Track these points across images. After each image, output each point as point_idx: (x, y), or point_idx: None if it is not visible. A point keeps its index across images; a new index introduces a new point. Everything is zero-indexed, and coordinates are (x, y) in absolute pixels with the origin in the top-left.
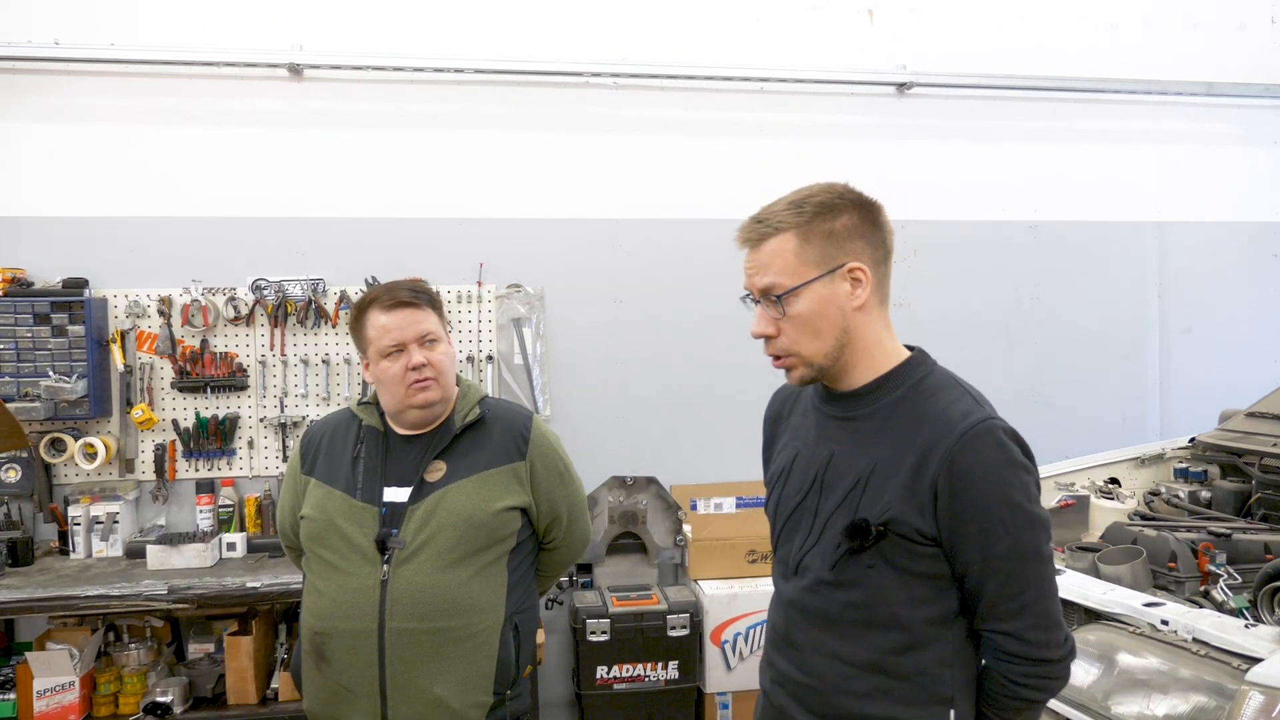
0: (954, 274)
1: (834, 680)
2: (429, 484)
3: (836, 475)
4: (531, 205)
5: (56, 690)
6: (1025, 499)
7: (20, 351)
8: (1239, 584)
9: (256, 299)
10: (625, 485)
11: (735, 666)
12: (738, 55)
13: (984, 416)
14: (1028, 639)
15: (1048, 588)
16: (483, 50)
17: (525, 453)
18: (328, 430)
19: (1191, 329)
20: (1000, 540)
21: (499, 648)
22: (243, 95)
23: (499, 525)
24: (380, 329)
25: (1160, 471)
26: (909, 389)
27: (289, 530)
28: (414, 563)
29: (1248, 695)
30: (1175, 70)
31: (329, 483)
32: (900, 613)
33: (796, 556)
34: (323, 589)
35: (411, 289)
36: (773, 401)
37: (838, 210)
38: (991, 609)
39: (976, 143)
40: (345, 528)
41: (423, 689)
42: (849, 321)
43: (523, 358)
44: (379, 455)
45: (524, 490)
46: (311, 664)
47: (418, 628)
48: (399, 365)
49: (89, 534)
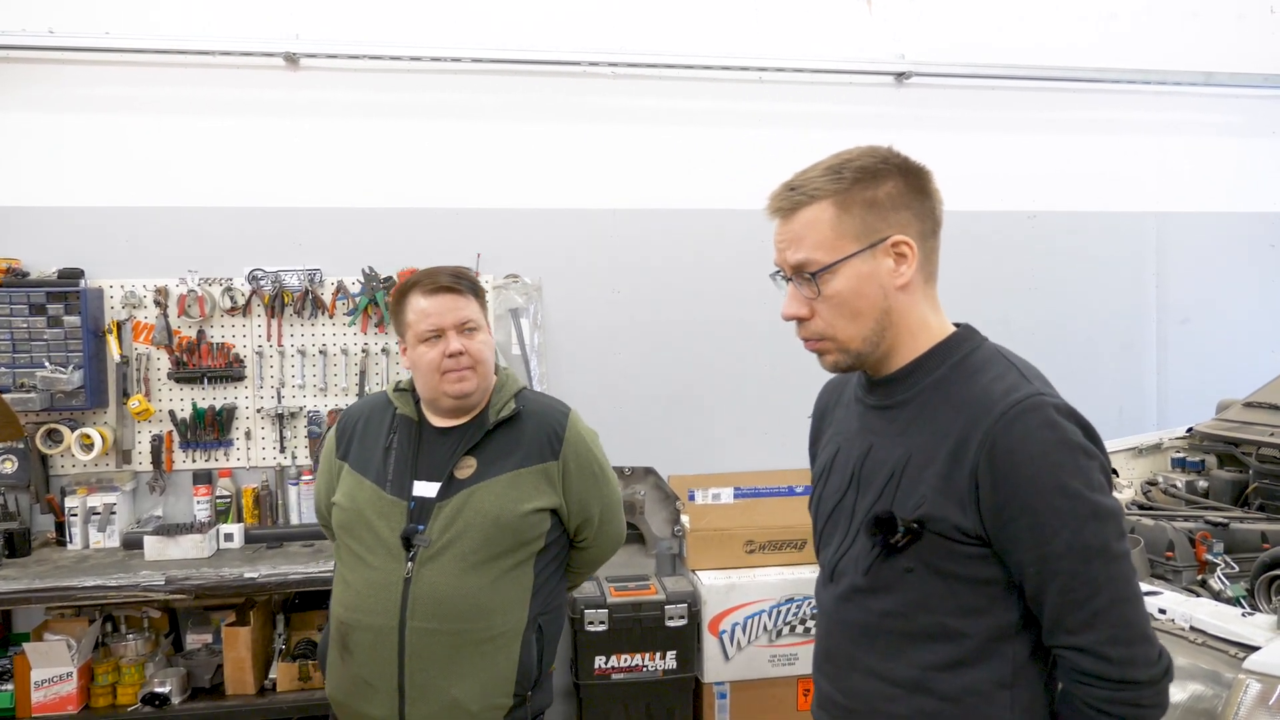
0: (952, 264)
1: (873, 702)
2: (458, 481)
3: (873, 470)
4: (529, 195)
5: (54, 681)
6: (1085, 485)
7: (16, 342)
8: (1236, 573)
9: (253, 289)
10: (623, 475)
11: (733, 657)
12: (736, 45)
13: (1031, 392)
14: (1107, 655)
15: (1125, 591)
16: (480, 39)
17: (559, 452)
18: (364, 414)
19: (1189, 319)
20: (1057, 535)
21: (520, 650)
22: (239, 84)
23: (527, 527)
24: (420, 313)
25: (1158, 461)
26: (950, 368)
27: (324, 512)
28: (438, 562)
29: (1245, 683)
30: (1174, 60)
31: (361, 471)
32: (947, 623)
33: (833, 560)
34: (350, 580)
35: (454, 274)
36: (821, 394)
37: (881, 176)
38: (1058, 620)
39: (975, 133)
40: (374, 521)
41: (441, 690)
42: (891, 302)
43: (520, 348)
44: (411, 447)
45: (554, 491)
46: (336, 653)
47: (438, 628)
48: (436, 351)
49: (86, 525)
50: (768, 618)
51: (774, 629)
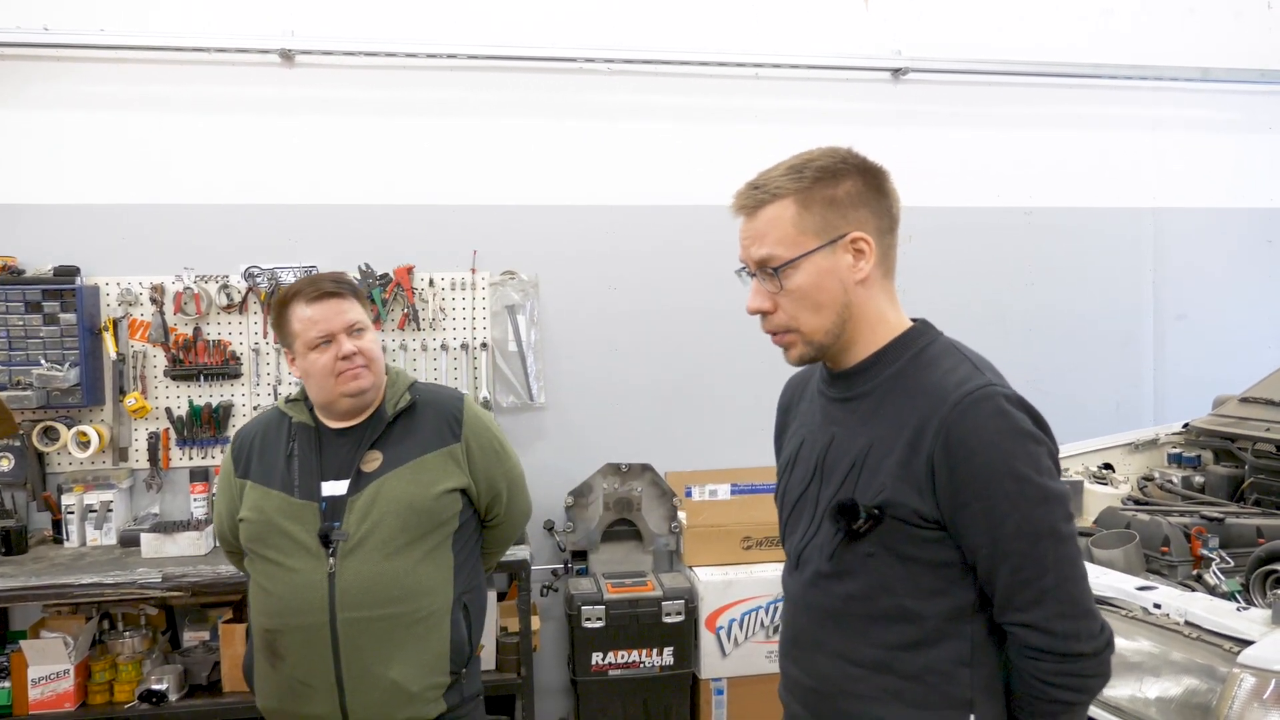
0: (949, 260)
1: (840, 682)
2: (366, 474)
3: (836, 459)
4: (525, 192)
5: (51, 678)
6: (1034, 470)
7: (12, 340)
8: (1231, 568)
9: (249, 286)
10: (620, 472)
11: (730, 652)
12: (733, 41)
13: (983, 383)
14: (1053, 630)
15: (1070, 571)
16: (475, 36)
17: (460, 434)
18: (258, 432)
19: (1186, 315)
20: (1008, 518)
21: (450, 629)
22: (234, 81)
23: (440, 509)
24: (306, 321)
25: (1154, 457)
26: (907, 361)
27: (228, 534)
28: (359, 553)
29: (1239, 678)
30: (1171, 56)
31: (265, 483)
32: (907, 604)
33: (798, 549)
34: (270, 587)
35: (335, 280)
36: (785, 389)
37: (840, 176)
38: (1009, 598)
39: (972, 128)
40: (286, 525)
41: (379, 675)
42: (851, 295)
43: (517, 345)
44: (313, 451)
45: (462, 471)
46: (265, 662)
47: (369, 616)
48: (328, 356)
49: (83, 522)
50: (765, 614)
51: (771, 625)
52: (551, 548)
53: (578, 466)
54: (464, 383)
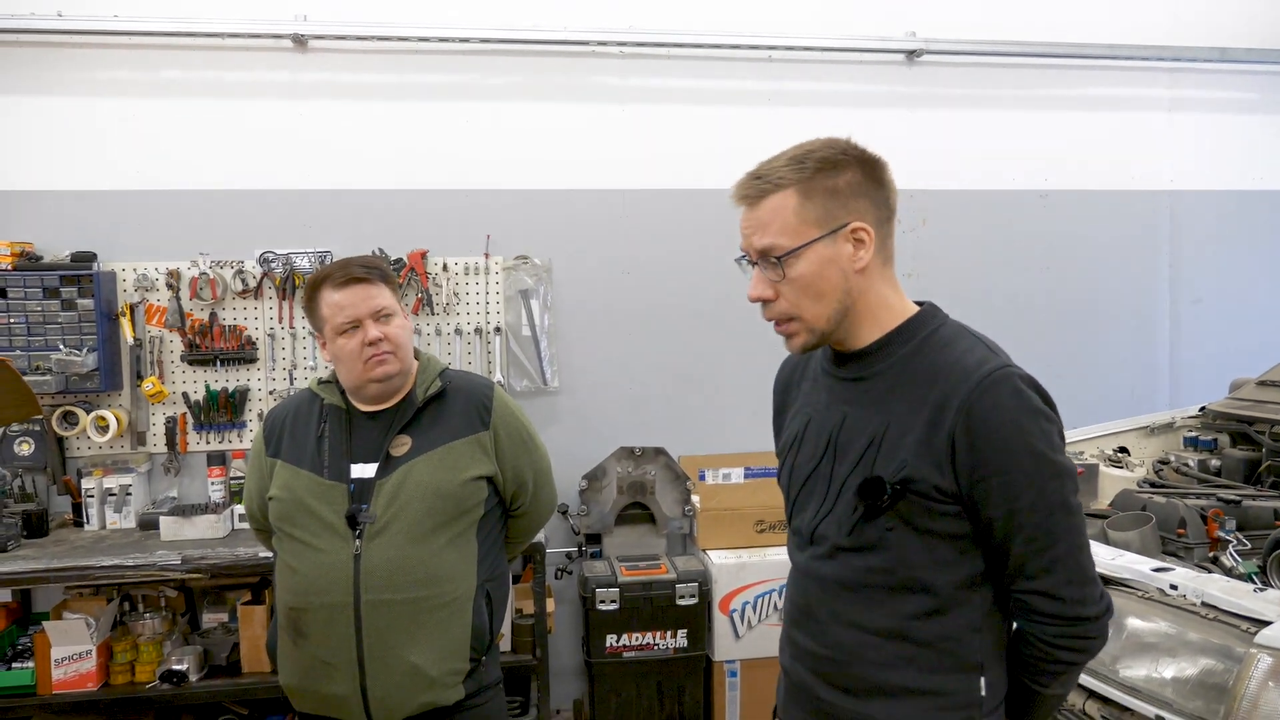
0: (964, 244)
1: (855, 650)
2: (395, 459)
3: (850, 437)
4: (538, 176)
5: (74, 659)
6: (1048, 448)
7: (30, 325)
8: (1248, 549)
9: (264, 271)
10: (634, 456)
11: (743, 635)
12: (746, 23)
13: (1000, 364)
14: (1060, 595)
15: (1078, 541)
16: (488, 20)
17: (489, 422)
18: (290, 411)
19: (1202, 298)
20: (1025, 492)
21: (473, 615)
22: (248, 66)
23: (466, 496)
24: (334, 306)
25: (1170, 440)
26: (920, 342)
27: (257, 512)
28: (385, 536)
29: (1256, 658)
30: (1188, 36)
31: (295, 463)
32: (924, 576)
33: (811, 525)
34: (296, 566)
35: (364, 264)
36: (782, 369)
37: (841, 166)
38: (1020, 567)
39: (987, 111)
40: (314, 505)
41: (400, 658)
42: (851, 284)
43: (530, 329)
44: (343, 433)
45: (489, 459)
46: (288, 639)
47: (393, 599)
48: (355, 341)
49: (102, 506)
50: (778, 596)
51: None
52: (566, 531)
53: (591, 450)
54: (478, 367)
